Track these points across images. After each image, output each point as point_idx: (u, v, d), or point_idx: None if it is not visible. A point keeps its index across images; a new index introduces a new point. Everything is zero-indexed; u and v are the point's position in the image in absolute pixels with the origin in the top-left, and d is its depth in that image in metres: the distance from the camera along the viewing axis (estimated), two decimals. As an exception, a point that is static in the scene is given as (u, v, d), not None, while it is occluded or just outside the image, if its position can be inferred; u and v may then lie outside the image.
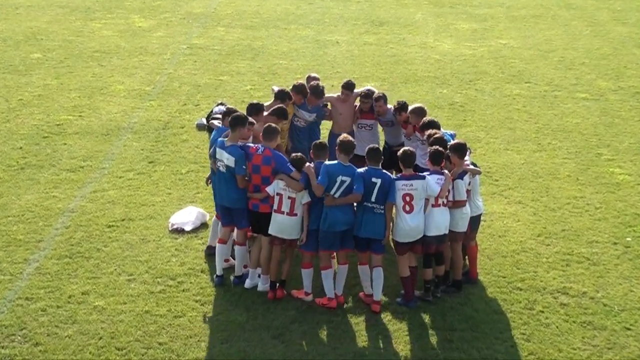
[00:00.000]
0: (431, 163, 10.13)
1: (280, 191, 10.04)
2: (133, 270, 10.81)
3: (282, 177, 10.01)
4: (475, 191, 10.47)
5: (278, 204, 10.05)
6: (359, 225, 9.94)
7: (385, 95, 11.95)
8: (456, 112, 17.32)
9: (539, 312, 10.16)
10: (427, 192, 9.89)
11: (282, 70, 20.12)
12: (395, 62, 20.89)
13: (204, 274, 10.77)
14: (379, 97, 11.85)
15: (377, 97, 11.85)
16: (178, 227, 11.87)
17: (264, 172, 10.03)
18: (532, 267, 11.16)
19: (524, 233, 12.10)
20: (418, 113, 11.29)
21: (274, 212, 10.08)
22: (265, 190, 10.05)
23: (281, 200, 10.03)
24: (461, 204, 10.15)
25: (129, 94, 17.99)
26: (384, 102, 11.86)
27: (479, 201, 10.53)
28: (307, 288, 10.18)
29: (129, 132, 15.76)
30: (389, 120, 11.96)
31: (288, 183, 9.99)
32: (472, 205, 10.37)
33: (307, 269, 10.19)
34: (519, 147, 15.46)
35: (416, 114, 11.29)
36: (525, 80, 19.66)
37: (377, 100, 11.83)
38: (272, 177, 10.03)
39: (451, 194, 10.11)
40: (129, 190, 13.23)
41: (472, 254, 10.75)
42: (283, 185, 10.01)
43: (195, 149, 15.04)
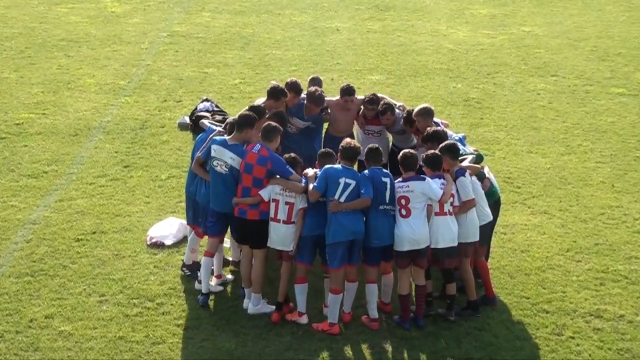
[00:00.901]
0: (429, 168, 10.16)
1: (277, 196, 10.07)
2: (105, 290, 10.78)
3: (279, 182, 10.03)
4: (479, 196, 10.45)
5: (274, 211, 10.07)
6: (373, 234, 9.96)
7: (391, 106, 11.85)
8: (472, 110, 17.33)
9: (568, 338, 10.13)
10: (428, 196, 9.93)
11: (276, 61, 20.13)
12: (403, 53, 20.91)
13: (186, 295, 10.74)
14: (385, 110, 11.77)
15: (382, 109, 11.77)
16: (157, 241, 11.85)
17: (257, 173, 10.06)
18: (561, 286, 11.14)
19: (551, 247, 12.09)
20: (425, 115, 11.23)
21: (271, 221, 10.11)
22: (258, 194, 10.04)
23: (277, 207, 10.06)
24: (470, 204, 10.16)
25: (101, 88, 17.97)
26: (391, 114, 11.81)
27: (484, 208, 10.49)
28: (300, 307, 10.16)
29: (100, 132, 15.75)
30: (399, 130, 11.97)
31: (287, 186, 10.01)
32: (479, 210, 10.37)
33: (300, 284, 10.18)
34: (544, 150, 15.46)
35: (423, 117, 11.22)
36: (552, 73, 19.68)
37: (383, 114, 11.80)
38: (265, 180, 10.04)
39: (456, 197, 10.14)
40: (101, 198, 13.21)
41: (484, 271, 10.73)
42: (280, 189, 10.04)
43: (177, 151, 15.03)
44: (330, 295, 10.05)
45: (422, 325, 10.19)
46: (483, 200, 10.47)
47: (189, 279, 11.01)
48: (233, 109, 16.76)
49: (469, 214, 10.21)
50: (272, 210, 10.09)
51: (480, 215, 10.39)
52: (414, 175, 10.10)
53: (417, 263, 10.13)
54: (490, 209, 10.59)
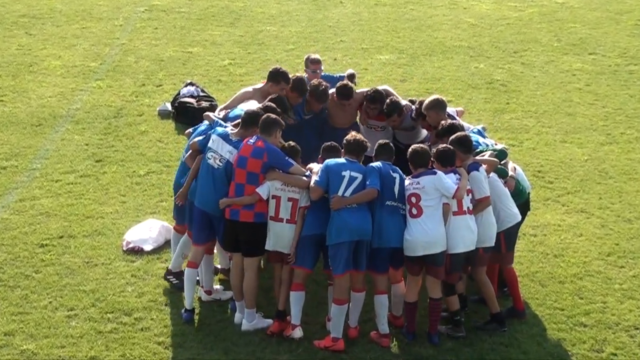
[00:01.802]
0: (440, 164, 10.18)
1: (277, 193, 10.09)
2: (74, 304, 10.78)
3: (279, 177, 10.05)
4: (501, 193, 10.45)
5: (275, 209, 10.10)
6: (383, 234, 9.97)
7: (398, 106, 11.69)
8: (496, 93, 17.34)
9: (610, 355, 10.14)
10: (440, 191, 9.96)
11: (271, 39, 20.14)
12: (417, 28, 20.92)
13: (168, 308, 10.75)
14: (391, 112, 11.64)
15: (388, 110, 11.65)
16: (135, 247, 11.87)
17: (251, 167, 10.05)
18: (601, 296, 11.15)
19: (589, 251, 12.10)
20: (437, 107, 11.16)
21: (270, 220, 10.12)
22: (255, 192, 10.03)
23: (278, 204, 10.09)
24: (485, 202, 10.18)
25: (68, 71, 17.99)
26: (398, 115, 11.71)
27: (509, 208, 10.49)
28: (295, 318, 10.15)
29: (68, 121, 15.76)
30: (408, 127, 11.90)
31: (289, 181, 10.05)
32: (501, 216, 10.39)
33: (297, 291, 10.17)
34: (581, 139, 15.48)
35: (435, 110, 11.16)
36: (590, 50, 19.68)
37: (389, 116, 11.71)
38: (261, 175, 10.03)
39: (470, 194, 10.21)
40: (69, 198, 13.22)
41: (512, 279, 10.73)
42: (280, 185, 10.07)
43: (158, 143, 15.06)
44: (334, 306, 10.05)
45: (436, 343, 10.19)
46: (507, 199, 10.47)
47: (172, 290, 11.01)
48: (222, 94, 16.78)
49: (485, 215, 10.20)
50: (272, 209, 10.11)
51: (505, 216, 10.40)
52: (424, 171, 10.15)
53: (431, 272, 10.11)
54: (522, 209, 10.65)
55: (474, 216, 10.14)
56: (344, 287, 10.04)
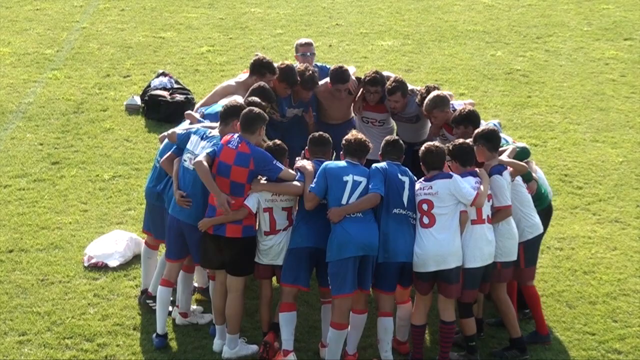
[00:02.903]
0: (457, 163, 10.20)
1: (268, 204, 10.12)
2: (27, 328, 10.78)
3: (268, 188, 10.07)
4: (524, 201, 10.53)
5: (270, 223, 10.14)
6: (388, 246, 9.98)
7: (403, 83, 11.78)
8: (516, 85, 17.42)
9: (647, 386, 10.22)
10: (457, 198, 9.97)
11: (255, 22, 20.20)
12: (424, 10, 21.01)
13: (137, 333, 10.76)
14: (395, 89, 11.71)
15: (391, 88, 11.73)
16: (98, 262, 11.89)
17: (236, 177, 10.00)
18: (638, 318, 11.19)
19: (625, 267, 12.16)
20: (441, 105, 11.21)
21: (265, 235, 10.17)
22: (243, 205, 10.04)
23: (272, 217, 10.13)
24: (506, 212, 10.21)
25: (19, 60, 18.05)
26: (402, 95, 11.78)
27: (531, 218, 10.55)
28: (286, 344, 10.15)
29: (19, 118, 15.80)
30: (412, 116, 11.91)
31: (280, 191, 10.08)
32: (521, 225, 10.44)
33: (286, 312, 10.18)
34: (615, 138, 15.56)
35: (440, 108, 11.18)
36: (625, 36, 19.78)
37: (392, 94, 11.74)
38: (247, 185, 10.04)
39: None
40: (20, 206, 13.26)
41: (534, 299, 10.78)
42: (271, 195, 10.10)
43: (125, 142, 15.11)
44: (332, 330, 10.05)
45: (447, 370, 10.25)
46: (529, 206, 10.54)
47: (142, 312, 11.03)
48: (199, 85, 16.85)
49: (504, 224, 10.24)
50: (266, 224, 10.14)
51: (525, 226, 10.46)
52: (438, 173, 10.16)
53: (444, 290, 10.14)
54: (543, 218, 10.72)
55: (492, 226, 10.20)
56: (345, 310, 10.01)
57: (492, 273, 10.27)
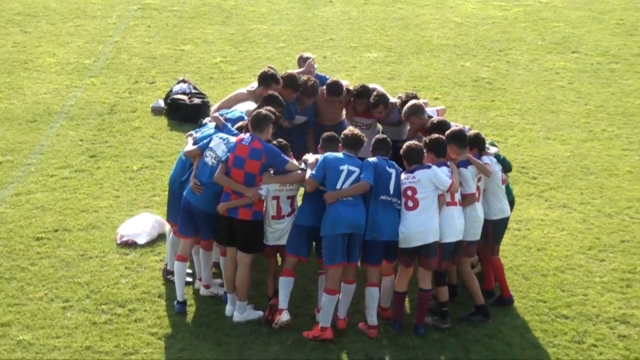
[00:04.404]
0: (433, 154, 10.29)
1: (276, 193, 10.21)
2: (69, 295, 10.82)
3: (277, 180, 10.15)
4: (493, 191, 10.59)
5: (277, 209, 10.22)
6: (376, 226, 10.06)
7: (384, 97, 11.82)
8: (482, 91, 17.39)
9: (590, 346, 10.21)
10: (435, 184, 10.08)
11: (261, 37, 20.15)
12: (405, 27, 20.95)
13: (161, 300, 10.79)
14: (377, 102, 11.74)
15: (375, 102, 11.75)
16: (129, 240, 11.90)
17: (249, 168, 10.09)
18: (582, 288, 11.22)
19: (571, 245, 12.18)
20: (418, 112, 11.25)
21: (273, 219, 10.23)
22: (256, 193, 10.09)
23: (279, 204, 10.23)
24: (471, 198, 10.32)
25: (63, 68, 17.98)
26: (384, 107, 11.80)
27: (500, 202, 10.63)
28: (282, 303, 10.20)
29: (62, 117, 15.77)
30: (394, 121, 11.93)
31: (286, 181, 10.16)
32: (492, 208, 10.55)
33: (286, 276, 10.23)
34: (563, 136, 15.55)
35: (417, 114, 11.23)
36: (573, 49, 19.74)
37: (375, 106, 11.78)
38: (258, 176, 10.10)
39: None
40: (64, 192, 13.25)
41: (499, 270, 10.85)
42: (278, 185, 10.17)
43: (151, 139, 15.08)
44: (325, 295, 10.11)
45: (422, 334, 10.27)
46: (501, 192, 10.64)
47: (165, 282, 11.06)
48: (213, 91, 16.82)
49: (471, 210, 10.34)
50: (273, 209, 10.22)
51: (496, 209, 10.58)
52: (419, 165, 10.23)
53: (423, 263, 10.21)
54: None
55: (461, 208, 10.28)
56: (336, 278, 10.11)
57: (460, 249, 10.36)
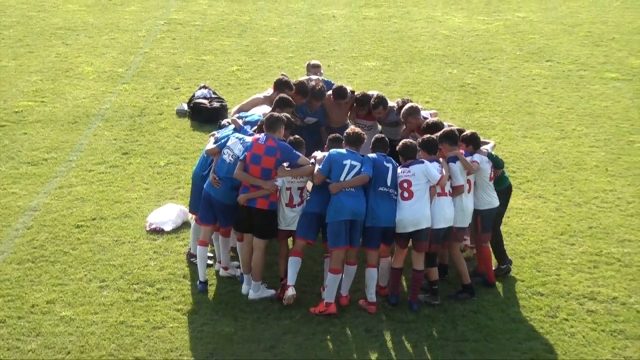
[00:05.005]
0: (426, 152, 10.31)
1: (289, 185, 10.25)
2: (105, 276, 10.83)
3: (290, 173, 10.17)
4: (481, 185, 10.56)
5: (289, 198, 10.27)
6: (375, 214, 10.06)
7: (383, 99, 11.85)
8: (468, 95, 17.36)
9: (562, 320, 10.21)
10: (427, 177, 10.10)
11: (273, 48, 20.13)
12: (399, 39, 20.92)
13: (186, 280, 10.79)
14: (377, 104, 11.78)
15: (375, 103, 11.80)
16: (156, 227, 11.89)
17: (266, 164, 10.11)
18: (555, 269, 11.21)
19: (545, 231, 12.15)
20: (414, 113, 11.27)
21: (286, 207, 10.26)
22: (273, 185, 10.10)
23: (291, 194, 10.27)
24: (460, 189, 10.32)
25: (99, 76, 17.98)
26: (384, 108, 11.82)
27: (488, 195, 10.60)
28: (290, 280, 10.20)
29: (99, 119, 15.77)
30: (392, 122, 11.94)
31: (297, 174, 10.18)
32: (480, 200, 10.52)
33: (294, 257, 10.23)
34: (539, 134, 15.51)
35: (413, 115, 11.26)
36: (547, 58, 19.71)
37: (375, 107, 11.81)
38: (274, 170, 10.10)
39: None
40: (100, 185, 13.24)
41: (487, 257, 10.82)
42: (291, 178, 10.20)
43: (176, 138, 15.06)
44: (329, 275, 10.12)
45: (415, 309, 10.26)
46: (490, 188, 10.59)
47: (189, 265, 11.06)
48: (230, 95, 16.81)
49: (458, 200, 10.36)
50: (286, 198, 10.26)
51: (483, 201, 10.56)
52: (413, 160, 10.24)
53: (417, 247, 10.21)
54: (504, 195, 10.80)
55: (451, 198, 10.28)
56: (339, 259, 10.11)
57: (450, 234, 10.36)
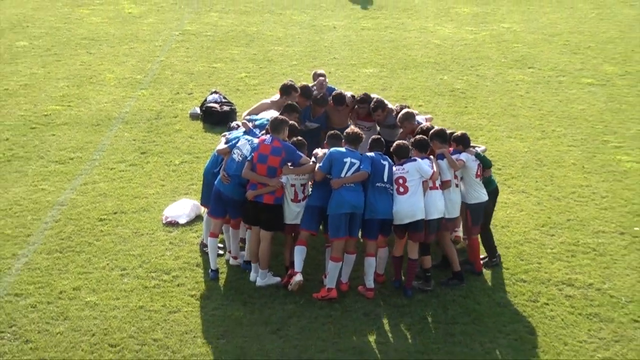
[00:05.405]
0: (417, 150, 10.36)
1: (294, 182, 10.27)
2: (126, 265, 10.85)
3: (294, 171, 10.19)
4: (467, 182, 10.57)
5: (294, 194, 10.28)
6: (373, 208, 10.07)
7: (382, 102, 11.81)
8: (457, 99, 17.35)
9: (543, 304, 10.22)
10: (420, 173, 10.14)
11: (278, 56, 20.12)
12: (394, 48, 20.90)
13: (199, 268, 10.81)
14: (376, 107, 11.74)
15: (374, 106, 11.75)
16: (172, 220, 11.90)
17: (271, 163, 10.13)
18: (536, 258, 11.21)
19: (528, 223, 12.15)
20: (410, 118, 11.26)
21: (291, 202, 10.26)
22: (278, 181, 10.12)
23: (296, 190, 10.28)
24: (448, 183, 10.38)
25: (120, 82, 17.99)
26: (382, 110, 11.79)
27: (475, 191, 10.60)
28: (297, 267, 10.21)
29: (120, 122, 15.78)
30: (390, 125, 11.87)
31: (300, 172, 10.19)
32: (468, 195, 10.54)
33: (300, 245, 10.25)
34: (522, 135, 15.50)
35: (409, 120, 11.25)
36: (529, 65, 19.69)
37: (375, 110, 11.77)
38: (279, 168, 10.11)
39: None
40: (121, 182, 13.26)
41: (476, 248, 10.82)
42: (295, 175, 10.19)
43: (189, 139, 15.07)
44: (330, 262, 10.13)
45: (410, 295, 10.28)
46: (477, 184, 10.58)
47: (202, 255, 11.07)
48: (239, 100, 16.81)
49: (447, 193, 10.40)
50: (291, 194, 10.26)
51: (472, 196, 10.57)
52: (407, 159, 10.26)
53: (412, 237, 10.23)
54: (491, 196, 10.80)
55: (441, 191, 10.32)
56: (340, 249, 10.12)
57: (441, 225, 10.38)
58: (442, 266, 10.75)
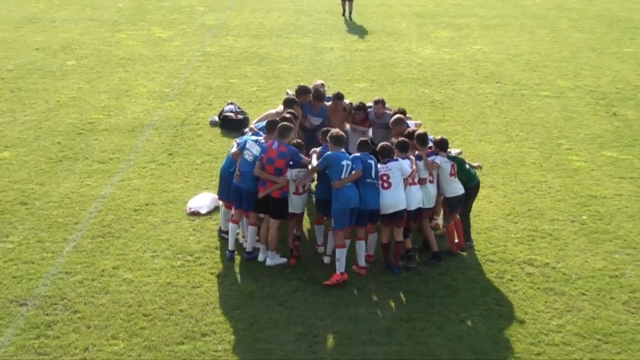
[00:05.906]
0: (399, 151, 10.37)
1: (295, 178, 10.31)
2: (156, 248, 10.89)
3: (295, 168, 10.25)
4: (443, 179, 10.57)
5: (296, 188, 10.32)
6: (364, 200, 10.08)
7: (382, 101, 11.75)
8: (436, 109, 17.37)
9: (508, 280, 10.26)
10: (401, 171, 10.13)
11: (284, 73, 20.14)
12: (383, 66, 20.92)
13: (218, 251, 10.85)
14: (377, 101, 11.69)
15: (376, 100, 11.71)
16: (195, 211, 11.94)
17: (278, 164, 10.18)
18: (502, 242, 11.26)
19: (496, 213, 12.18)
20: (400, 122, 11.19)
21: (293, 194, 10.31)
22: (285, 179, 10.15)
23: (297, 186, 10.30)
24: (424, 180, 10.41)
25: (151, 95, 18.01)
26: (382, 106, 11.70)
27: (450, 187, 10.62)
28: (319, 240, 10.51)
29: (151, 128, 15.81)
30: (385, 124, 11.70)
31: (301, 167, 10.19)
32: (445, 190, 10.55)
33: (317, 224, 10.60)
34: (491, 139, 15.53)
35: (399, 124, 11.18)
36: (496, 80, 19.71)
37: (376, 104, 11.71)
38: (285, 168, 10.16)
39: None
40: (152, 178, 13.29)
41: (451, 233, 10.84)
42: (297, 172, 10.23)
43: (209, 142, 15.09)
44: (337, 250, 10.10)
45: (396, 273, 10.31)
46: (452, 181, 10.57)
47: (220, 240, 11.09)
48: (251, 110, 16.82)
49: (426, 189, 10.45)
50: (293, 188, 10.32)
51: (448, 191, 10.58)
52: (390, 158, 10.25)
53: (396, 223, 10.26)
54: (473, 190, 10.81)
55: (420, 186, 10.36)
56: (342, 238, 10.13)
57: (420, 214, 10.42)
58: (423, 249, 10.78)
